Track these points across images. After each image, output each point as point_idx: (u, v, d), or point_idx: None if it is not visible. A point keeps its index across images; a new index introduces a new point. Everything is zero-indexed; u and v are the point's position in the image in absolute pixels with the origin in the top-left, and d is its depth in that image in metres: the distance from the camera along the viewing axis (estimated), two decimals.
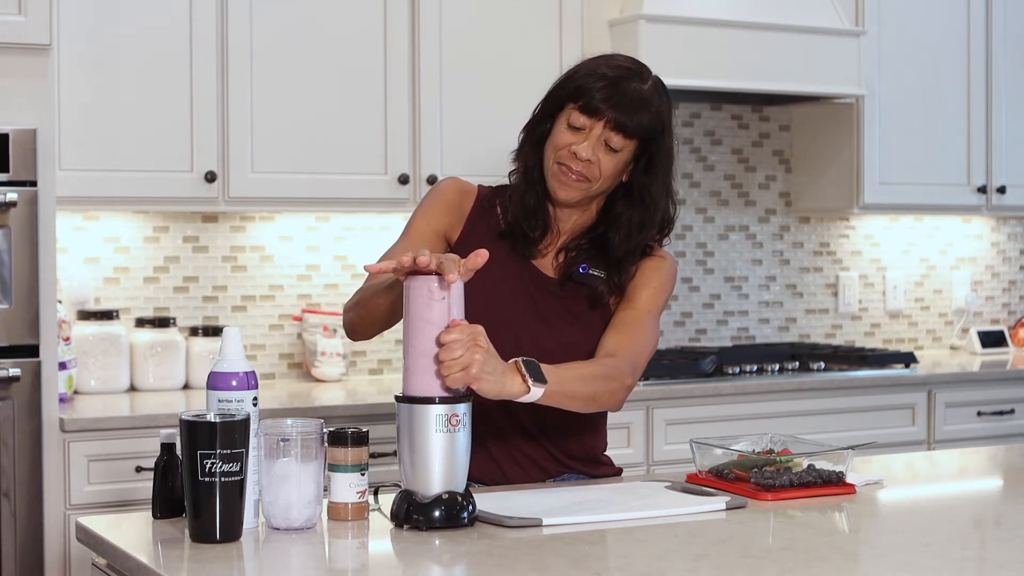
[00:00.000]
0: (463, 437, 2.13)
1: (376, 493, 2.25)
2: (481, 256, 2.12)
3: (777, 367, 4.47)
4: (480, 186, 2.63)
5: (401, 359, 2.16)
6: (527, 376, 2.21)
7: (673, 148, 2.53)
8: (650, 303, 2.54)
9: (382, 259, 2.45)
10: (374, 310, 2.43)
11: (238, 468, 2.00)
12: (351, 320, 2.51)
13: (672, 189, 2.55)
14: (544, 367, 2.25)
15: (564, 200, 2.52)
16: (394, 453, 2.24)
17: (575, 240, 2.56)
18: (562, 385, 2.28)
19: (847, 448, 2.46)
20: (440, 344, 2.10)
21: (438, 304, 2.12)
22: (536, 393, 2.22)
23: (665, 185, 2.53)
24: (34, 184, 3.44)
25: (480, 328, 2.13)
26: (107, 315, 3.96)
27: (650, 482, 2.50)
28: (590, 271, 2.53)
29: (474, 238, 2.55)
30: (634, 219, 2.52)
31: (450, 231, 2.57)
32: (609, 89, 2.44)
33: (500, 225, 2.56)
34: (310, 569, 2.00)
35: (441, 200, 2.59)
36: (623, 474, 2.70)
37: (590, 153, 2.45)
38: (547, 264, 2.58)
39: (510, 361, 2.21)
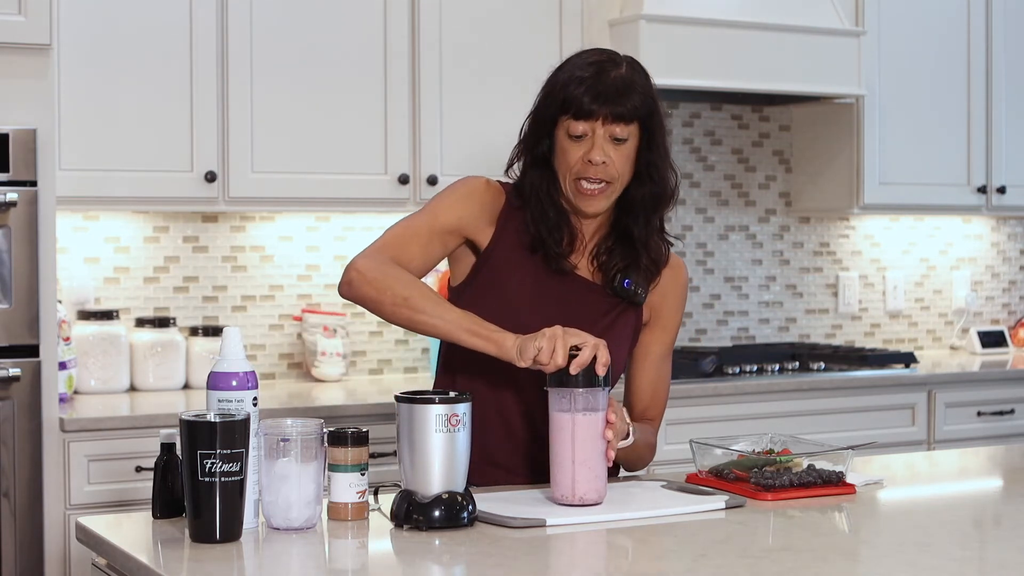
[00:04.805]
0: (463, 437, 2.13)
1: (376, 493, 2.25)
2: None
3: (777, 367, 4.47)
4: (503, 184, 2.60)
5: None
6: (631, 434, 2.41)
7: (664, 118, 2.55)
8: (676, 332, 2.68)
9: (402, 230, 2.50)
10: (408, 324, 2.43)
11: (238, 468, 2.00)
12: (366, 294, 2.43)
13: (671, 158, 2.58)
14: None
15: (594, 212, 2.52)
16: (394, 453, 2.24)
17: (604, 243, 2.57)
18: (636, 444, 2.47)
19: (847, 448, 2.46)
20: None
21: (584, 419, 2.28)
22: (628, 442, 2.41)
23: (667, 157, 2.55)
24: (34, 184, 3.44)
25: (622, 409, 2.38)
26: (107, 315, 3.96)
27: (647, 482, 2.51)
28: (632, 286, 2.54)
29: (504, 242, 2.53)
30: (647, 199, 2.53)
31: (476, 232, 2.54)
32: (593, 87, 2.45)
33: (527, 233, 2.54)
34: (310, 569, 2.00)
35: (474, 198, 2.56)
36: (620, 474, 2.69)
37: (603, 155, 2.45)
38: (583, 270, 2.58)
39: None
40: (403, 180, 4.06)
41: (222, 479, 1.99)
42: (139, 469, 3.48)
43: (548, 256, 2.53)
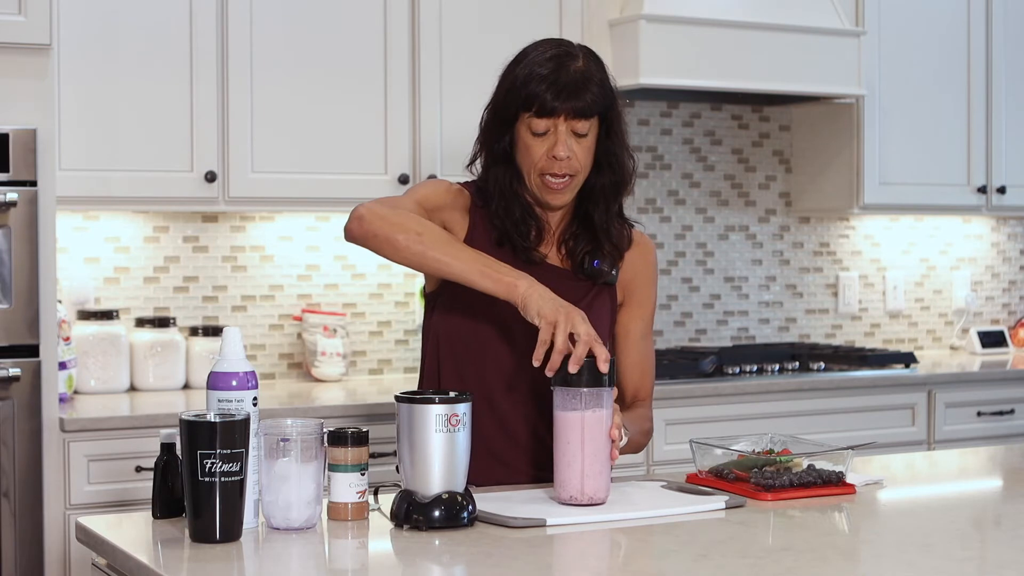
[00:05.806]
0: (463, 437, 2.14)
1: (376, 493, 2.25)
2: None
3: (777, 367, 4.47)
4: (464, 185, 2.65)
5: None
6: (623, 435, 2.37)
7: (622, 107, 2.58)
8: (653, 308, 2.69)
9: (393, 198, 2.54)
10: (419, 260, 2.42)
11: (238, 468, 2.00)
12: (379, 229, 2.43)
13: (628, 145, 2.61)
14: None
15: (560, 205, 2.56)
16: (394, 453, 2.24)
17: (569, 229, 2.60)
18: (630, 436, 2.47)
19: (847, 448, 2.46)
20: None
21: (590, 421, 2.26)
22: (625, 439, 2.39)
23: (625, 144, 2.59)
24: (34, 184, 3.44)
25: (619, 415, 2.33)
26: (107, 315, 3.96)
27: (647, 482, 2.51)
28: (602, 267, 2.58)
29: (476, 241, 2.55)
30: (607, 187, 2.58)
31: (452, 222, 2.57)
32: (553, 85, 2.47)
33: (494, 229, 2.57)
34: (310, 569, 2.00)
35: (447, 191, 2.61)
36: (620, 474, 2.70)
37: (567, 150, 2.49)
38: (553, 259, 2.60)
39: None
40: (403, 180, 4.06)
41: (222, 479, 1.99)
42: (139, 469, 3.48)
43: (516, 249, 2.56)
